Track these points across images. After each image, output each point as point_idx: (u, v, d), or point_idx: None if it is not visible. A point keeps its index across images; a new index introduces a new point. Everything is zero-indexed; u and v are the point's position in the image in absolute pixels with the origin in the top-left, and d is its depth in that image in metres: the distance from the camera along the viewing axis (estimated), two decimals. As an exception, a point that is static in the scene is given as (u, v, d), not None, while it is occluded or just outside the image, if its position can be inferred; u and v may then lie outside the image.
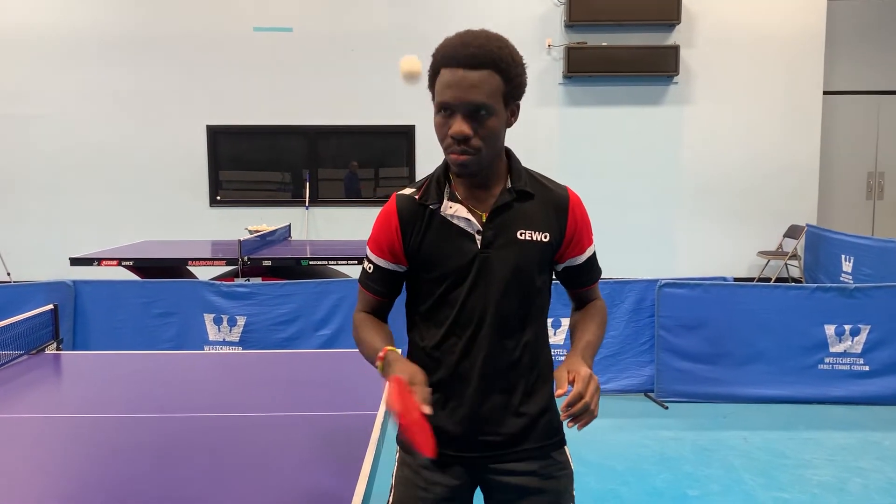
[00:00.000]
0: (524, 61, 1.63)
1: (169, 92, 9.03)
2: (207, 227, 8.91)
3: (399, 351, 1.63)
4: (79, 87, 8.99)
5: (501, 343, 1.67)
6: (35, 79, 8.97)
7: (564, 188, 1.73)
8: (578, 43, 8.85)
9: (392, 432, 1.80)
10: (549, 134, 9.10)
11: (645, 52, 8.84)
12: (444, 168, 1.70)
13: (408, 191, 1.71)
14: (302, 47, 9.01)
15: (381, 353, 1.61)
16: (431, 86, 1.61)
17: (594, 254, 1.79)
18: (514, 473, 1.70)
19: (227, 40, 8.99)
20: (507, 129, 1.65)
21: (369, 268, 1.74)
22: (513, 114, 1.63)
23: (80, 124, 9.03)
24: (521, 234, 1.66)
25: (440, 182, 1.69)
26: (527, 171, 1.72)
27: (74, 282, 5.18)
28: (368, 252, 1.74)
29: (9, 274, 8.22)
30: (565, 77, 8.97)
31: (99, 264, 6.10)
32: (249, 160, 9.41)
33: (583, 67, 8.85)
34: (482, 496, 1.79)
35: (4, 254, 8.34)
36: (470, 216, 1.65)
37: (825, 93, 9.15)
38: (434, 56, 1.60)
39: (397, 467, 1.78)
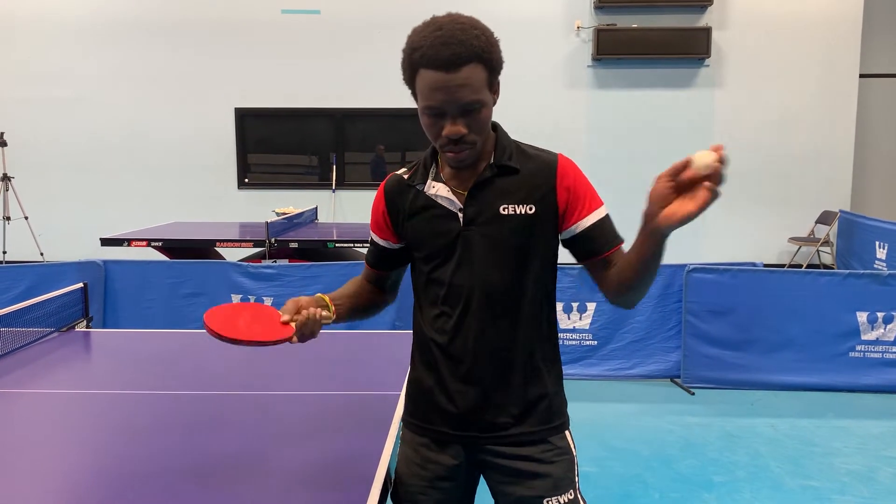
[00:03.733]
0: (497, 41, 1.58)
1: (198, 75, 9.09)
2: (235, 209, 8.99)
3: (326, 299, 1.72)
4: (111, 71, 9.08)
5: (494, 322, 1.65)
6: (69, 62, 9.08)
7: (554, 155, 1.66)
8: (608, 25, 8.74)
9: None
10: (578, 117, 9.02)
11: (676, 33, 8.70)
12: (433, 150, 1.70)
13: (401, 171, 1.76)
14: (329, 30, 9.00)
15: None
16: (410, 83, 1.58)
17: (603, 219, 1.64)
18: (510, 457, 1.69)
19: (255, 23, 9.01)
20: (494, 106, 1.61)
21: (370, 241, 1.84)
22: (496, 92, 1.59)
23: (112, 107, 9.13)
24: (503, 209, 1.62)
25: (427, 163, 1.71)
26: (516, 144, 1.68)
27: (104, 262, 5.25)
28: (370, 227, 1.82)
29: (42, 254, 8.36)
30: (594, 60, 8.87)
31: (129, 245, 6.18)
32: (277, 143, 9.45)
33: (612, 50, 8.74)
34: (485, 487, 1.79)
35: (37, 234, 8.48)
36: (451, 195, 1.65)
37: (861, 76, 8.94)
38: (409, 54, 1.53)
39: (400, 447, 1.82)
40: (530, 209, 1.62)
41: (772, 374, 4.93)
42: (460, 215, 1.64)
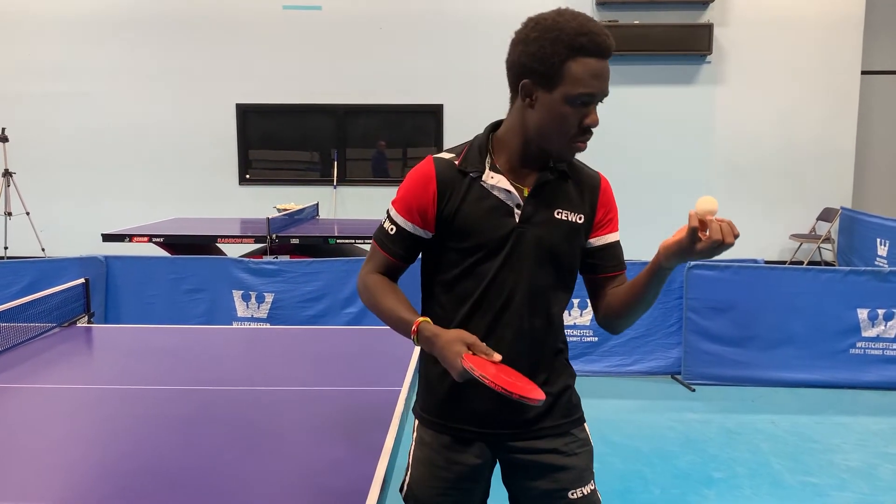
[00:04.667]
0: None
1: (200, 70, 9.09)
2: (237, 205, 9.00)
3: (429, 320, 1.58)
4: (113, 66, 9.08)
5: (531, 320, 1.65)
6: (69, 57, 9.07)
7: (597, 173, 1.74)
8: (610, 21, 8.72)
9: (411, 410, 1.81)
10: (579, 114, 9.00)
11: (677, 30, 8.69)
12: (486, 137, 1.67)
13: (446, 155, 1.66)
14: (331, 26, 8.99)
15: (414, 327, 1.56)
16: (557, 70, 1.50)
17: (618, 242, 1.74)
18: (535, 451, 1.69)
19: (256, 19, 9.00)
20: None
21: (391, 228, 1.66)
22: None
23: (114, 103, 9.13)
24: (558, 214, 1.64)
25: (482, 150, 1.64)
26: None
27: (106, 257, 5.25)
28: (393, 212, 1.66)
29: (43, 249, 8.36)
30: (596, 56, 8.84)
31: (130, 240, 6.19)
32: (278, 139, 9.45)
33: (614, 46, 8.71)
34: (498, 480, 1.78)
35: (39, 230, 8.49)
36: (511, 189, 1.62)
37: (863, 72, 8.93)
38: (572, 38, 1.49)
39: (415, 447, 1.75)
40: (580, 218, 1.66)
41: (772, 370, 4.93)
42: (517, 211, 1.62)
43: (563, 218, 1.64)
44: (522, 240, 1.62)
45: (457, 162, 1.63)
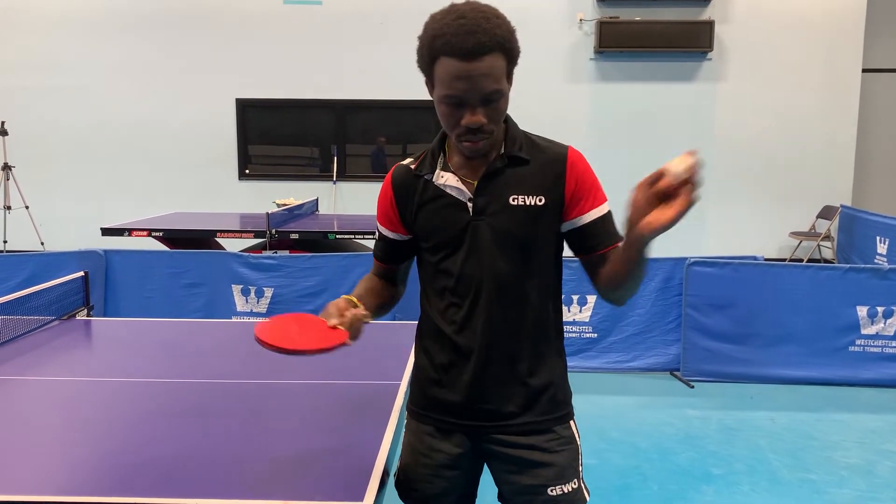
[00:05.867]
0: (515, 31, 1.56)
1: (200, 65, 9.07)
2: (236, 200, 8.99)
3: (355, 299, 1.68)
4: (112, 60, 9.07)
5: (503, 312, 1.65)
6: (69, 51, 9.06)
7: (565, 147, 1.66)
8: (610, 17, 8.72)
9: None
10: (580, 110, 9.00)
11: (678, 27, 8.67)
12: (441, 139, 1.69)
13: (406, 161, 1.73)
14: (331, 21, 8.98)
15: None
16: (428, 71, 1.55)
17: (604, 216, 1.65)
18: (516, 446, 1.70)
19: (256, 13, 8.99)
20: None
21: (377, 236, 1.81)
22: (511, 81, 1.58)
23: (113, 97, 9.12)
24: (513, 200, 1.62)
25: (434, 153, 1.69)
26: (525, 135, 1.68)
27: (105, 251, 5.25)
28: (377, 220, 1.79)
29: (42, 243, 8.36)
30: (596, 52, 8.85)
31: (129, 235, 6.18)
32: (278, 134, 9.44)
33: (615, 42, 8.72)
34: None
35: (38, 224, 8.48)
36: (460, 185, 1.64)
37: (864, 70, 8.92)
38: (430, 42, 1.51)
39: (405, 435, 1.82)
40: (539, 200, 1.62)
41: (771, 367, 4.93)
42: (469, 205, 1.63)
43: (519, 203, 1.62)
44: (478, 232, 1.63)
45: (413, 166, 1.70)
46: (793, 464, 3.80)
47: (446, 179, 1.65)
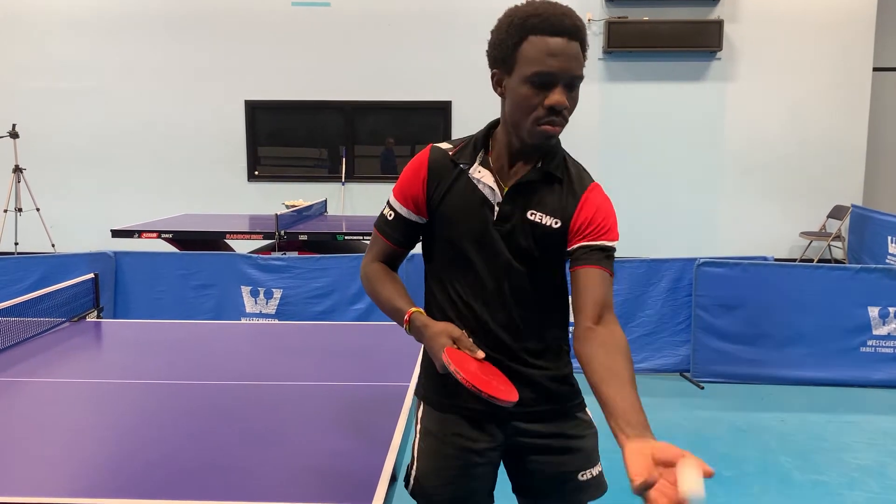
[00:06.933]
0: None
1: (209, 67, 9.10)
2: (245, 201, 9.02)
3: (422, 311, 1.64)
4: (122, 63, 9.11)
5: (511, 314, 1.65)
6: (81, 54, 9.11)
7: (590, 181, 1.65)
8: (619, 17, 8.69)
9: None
10: (588, 110, 8.97)
11: (687, 26, 8.64)
12: (486, 132, 1.68)
13: (444, 145, 1.69)
14: (339, 22, 8.99)
15: (406, 317, 1.62)
16: (510, 54, 1.52)
17: (606, 249, 1.58)
18: (542, 435, 1.70)
19: (265, 15, 9.01)
20: None
21: (390, 214, 1.71)
22: None
23: (123, 99, 9.17)
24: (531, 215, 1.61)
25: (477, 145, 1.66)
26: (565, 155, 1.68)
27: (115, 253, 5.27)
28: (392, 199, 1.71)
29: (53, 245, 8.40)
30: (605, 52, 8.82)
31: (139, 236, 6.21)
32: (287, 136, 9.47)
33: (623, 42, 8.69)
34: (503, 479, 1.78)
35: (49, 226, 8.53)
36: (495, 186, 1.62)
37: (875, 69, 8.87)
38: (521, 21, 1.51)
39: (419, 438, 1.76)
40: (556, 223, 1.62)
41: (782, 368, 4.91)
42: (496, 209, 1.62)
43: (536, 220, 1.61)
44: (498, 237, 1.62)
45: (451, 152, 1.67)
46: (804, 465, 3.77)
47: (482, 176, 1.63)
